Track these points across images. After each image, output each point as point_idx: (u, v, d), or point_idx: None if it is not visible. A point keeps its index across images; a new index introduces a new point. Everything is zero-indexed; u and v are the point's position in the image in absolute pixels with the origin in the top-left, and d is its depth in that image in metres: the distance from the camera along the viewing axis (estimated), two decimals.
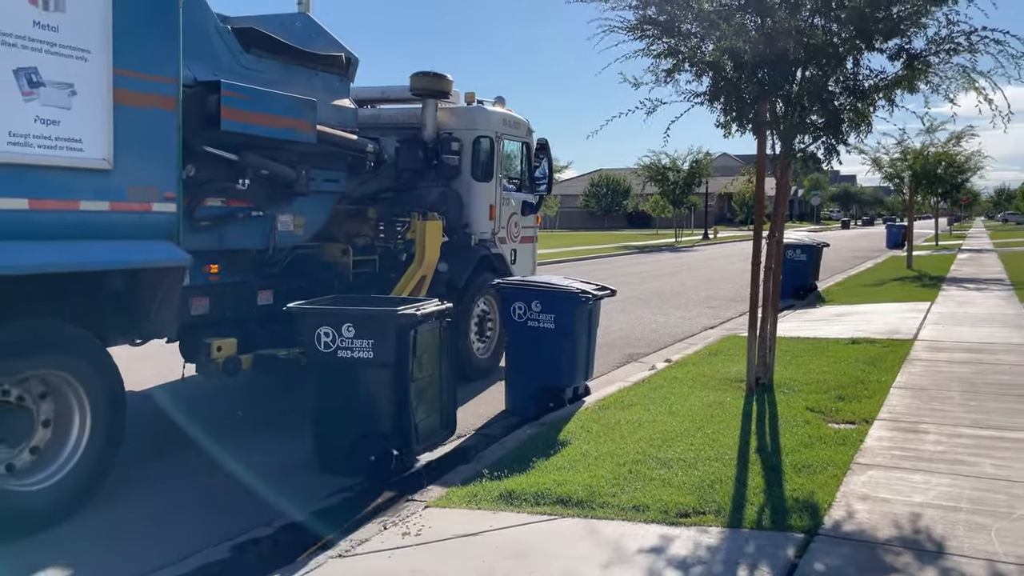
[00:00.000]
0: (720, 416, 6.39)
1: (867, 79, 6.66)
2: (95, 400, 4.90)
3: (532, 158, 10.18)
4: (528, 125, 10.07)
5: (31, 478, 4.67)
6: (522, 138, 9.91)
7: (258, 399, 7.93)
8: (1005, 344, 9.56)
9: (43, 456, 4.76)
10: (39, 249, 4.51)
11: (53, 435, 4.81)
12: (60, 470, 4.76)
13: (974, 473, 4.94)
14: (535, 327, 7.15)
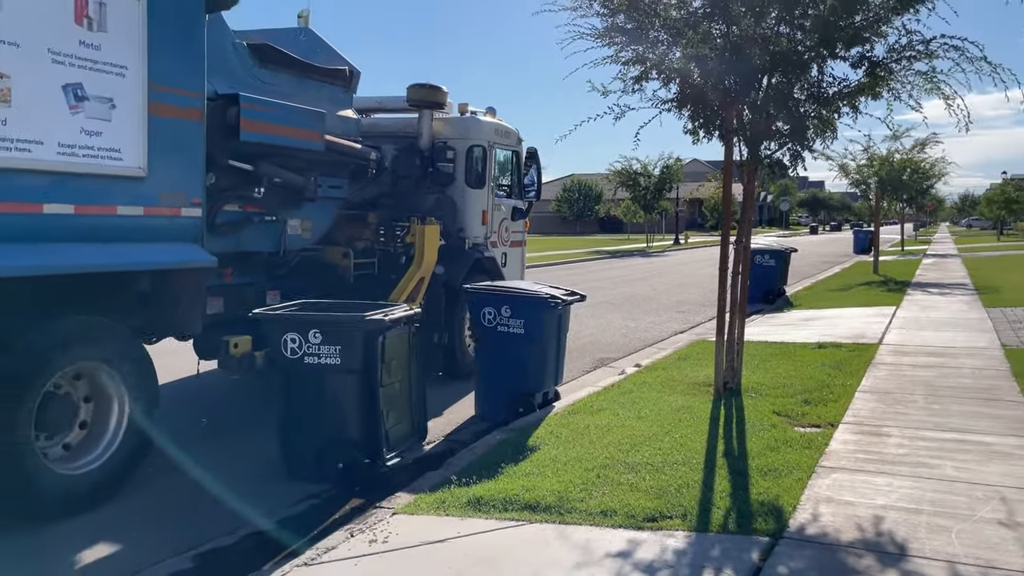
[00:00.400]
0: (688, 420, 6.43)
1: (831, 86, 6.75)
2: (132, 390, 5.30)
3: (521, 166, 10.56)
4: (518, 134, 10.46)
5: (77, 462, 5.07)
6: (512, 147, 10.29)
7: (230, 404, 7.84)
8: (967, 348, 9.72)
9: (86, 442, 5.16)
10: (83, 250, 4.94)
11: (94, 423, 5.21)
12: (102, 455, 5.18)
13: (936, 475, 5.01)
14: (505, 332, 7.15)
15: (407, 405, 5.88)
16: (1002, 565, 3.73)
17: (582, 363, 9.91)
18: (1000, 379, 7.86)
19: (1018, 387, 7.43)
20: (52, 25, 4.71)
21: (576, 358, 9.97)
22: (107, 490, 5.15)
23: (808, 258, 31.28)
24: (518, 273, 10.54)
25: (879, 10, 6.21)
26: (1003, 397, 7.08)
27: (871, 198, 24.66)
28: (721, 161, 7.76)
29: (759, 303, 15.38)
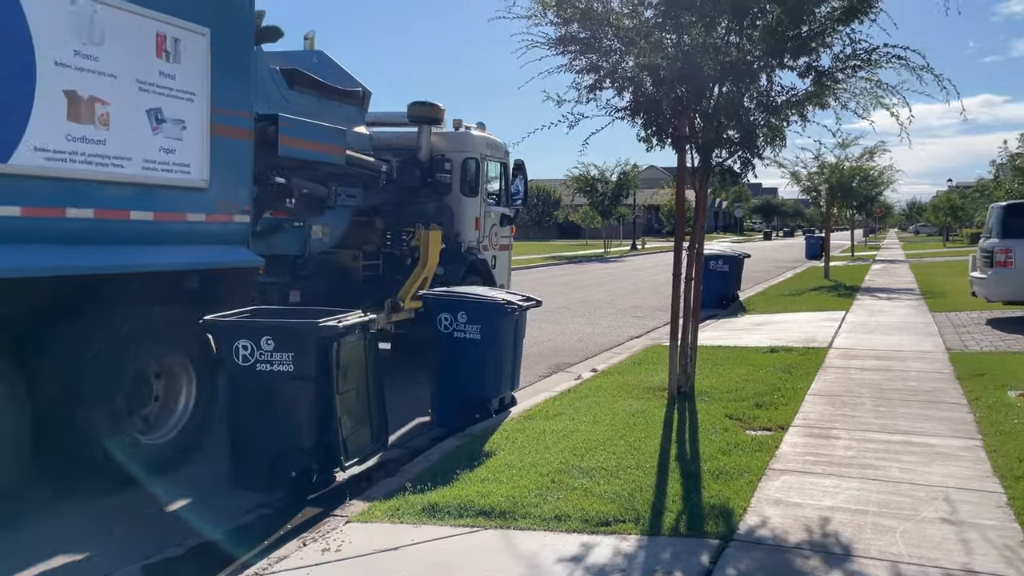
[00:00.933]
0: (642, 425, 6.48)
1: (779, 95, 6.86)
2: (199, 375, 6.08)
3: (509, 176, 11.44)
4: (505, 147, 11.29)
5: (154, 434, 5.82)
6: (501, 159, 11.18)
7: None
8: (914, 351, 9.95)
9: (159, 419, 5.93)
10: (162, 252, 5.84)
11: (165, 402, 5.98)
12: (173, 429, 5.95)
13: (881, 477, 5.11)
14: (461, 338, 7.14)
15: (366, 412, 5.83)
16: (944, 564, 3.82)
17: (539, 368, 9.93)
18: (944, 382, 8.06)
19: (961, 390, 7.63)
20: (139, 58, 5.54)
21: (533, 363, 9.99)
22: (180, 457, 5.89)
23: (761, 263, 31.78)
24: (506, 275, 11.40)
25: (824, 20, 6.34)
26: (946, 399, 7.26)
27: (822, 205, 25.13)
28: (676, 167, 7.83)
29: (713, 308, 15.58)
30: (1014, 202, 13.96)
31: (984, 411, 6.66)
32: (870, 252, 46.19)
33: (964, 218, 57.17)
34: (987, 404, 6.87)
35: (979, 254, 13.26)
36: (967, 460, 5.41)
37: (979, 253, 13.28)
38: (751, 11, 6.42)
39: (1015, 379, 7.85)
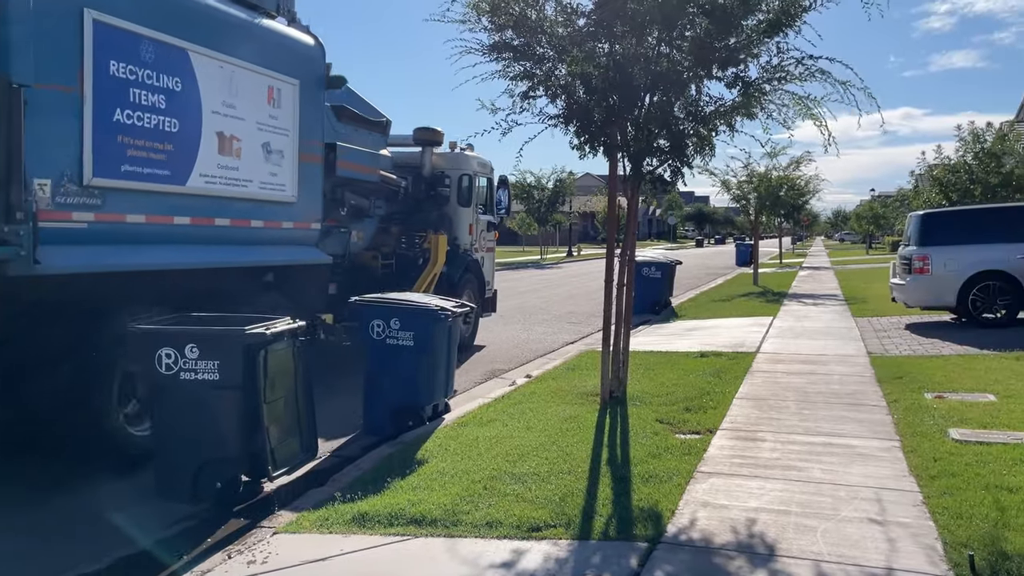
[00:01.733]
0: (575, 430, 6.52)
1: (708, 105, 7.00)
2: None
3: (494, 189, 13.45)
4: (491, 165, 13.27)
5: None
6: (488, 175, 13.20)
7: None
8: (836, 356, 10.26)
9: None
10: (272, 251, 7.81)
11: None
12: None
13: (804, 478, 5.25)
14: (394, 345, 7.07)
15: (295, 421, 5.72)
16: (861, 562, 3.93)
17: (474, 375, 9.92)
18: (865, 384, 8.33)
19: (881, 392, 7.89)
20: (258, 105, 7.41)
21: (468, 370, 9.98)
22: None
23: (693, 270, 32.40)
24: (491, 274, 13.56)
25: (751, 32, 6.50)
26: (867, 402, 7.50)
27: (751, 213, 25.75)
28: None
29: (646, 314, 15.81)
30: (931, 211, 14.54)
31: (902, 413, 6.90)
32: (797, 259, 47.51)
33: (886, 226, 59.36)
34: (905, 406, 7.12)
35: (899, 261, 13.76)
36: (885, 460, 5.60)
37: (899, 260, 13.77)
38: (680, 22, 6.55)
39: (931, 382, 8.16)
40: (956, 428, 6.25)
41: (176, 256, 6.63)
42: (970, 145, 19.57)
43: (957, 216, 13.90)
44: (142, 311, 5.90)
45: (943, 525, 4.32)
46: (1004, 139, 19.28)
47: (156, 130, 6.37)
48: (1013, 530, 4.17)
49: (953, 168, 19.66)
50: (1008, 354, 9.57)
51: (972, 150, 19.50)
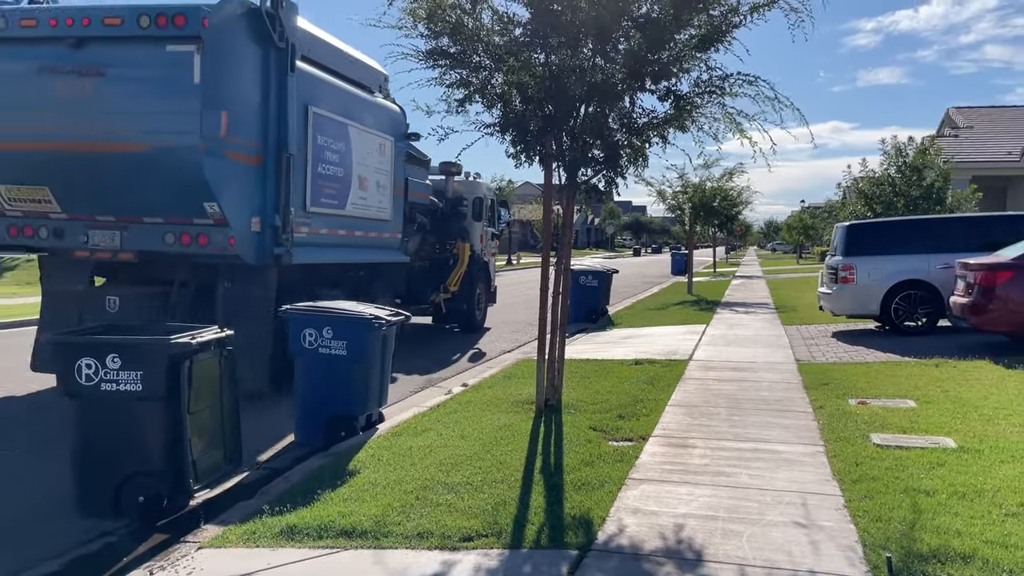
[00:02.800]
0: (509, 438, 6.52)
1: (641, 117, 7.10)
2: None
3: (496, 207, 17.35)
4: (494, 189, 17.44)
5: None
6: (492, 196, 17.14)
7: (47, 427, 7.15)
8: (766, 363, 10.49)
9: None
10: (376, 253, 11.61)
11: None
12: None
13: (732, 483, 5.34)
14: (327, 354, 6.97)
15: (219, 432, 5.59)
16: (784, 565, 4.02)
17: (410, 384, 9.84)
18: (793, 391, 8.53)
19: (807, 398, 8.09)
20: (375, 155, 11.01)
21: (404, 379, 9.89)
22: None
23: (630, 279, 32.79)
24: (494, 272, 17.23)
25: (683, 47, 6.62)
26: (794, 408, 7.68)
27: (686, 223, 26.21)
28: None
29: (583, 322, 15.93)
30: (856, 222, 15.02)
31: (827, 418, 7.08)
32: (731, 268, 48.50)
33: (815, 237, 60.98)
34: (829, 412, 7.31)
35: (826, 271, 14.16)
36: (810, 465, 5.74)
37: (826, 270, 14.18)
38: (614, 35, 6.63)
39: (855, 388, 8.40)
40: (877, 433, 6.44)
41: (339, 255, 10.68)
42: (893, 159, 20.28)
43: (881, 227, 14.40)
44: (327, 286, 10.24)
45: (863, 528, 4.44)
46: (925, 153, 20.03)
47: (332, 176, 10.02)
48: (929, 532, 4.31)
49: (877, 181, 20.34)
50: (928, 361, 9.91)
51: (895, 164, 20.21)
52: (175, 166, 7.85)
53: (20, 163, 8.37)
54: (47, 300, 9.36)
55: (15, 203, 8.68)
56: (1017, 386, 8.16)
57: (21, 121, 8.21)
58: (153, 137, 7.90)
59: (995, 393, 7.82)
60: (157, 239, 8.38)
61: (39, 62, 8.05)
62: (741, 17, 6.63)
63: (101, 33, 7.89)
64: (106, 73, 7.56)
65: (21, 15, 8.28)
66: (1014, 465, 5.46)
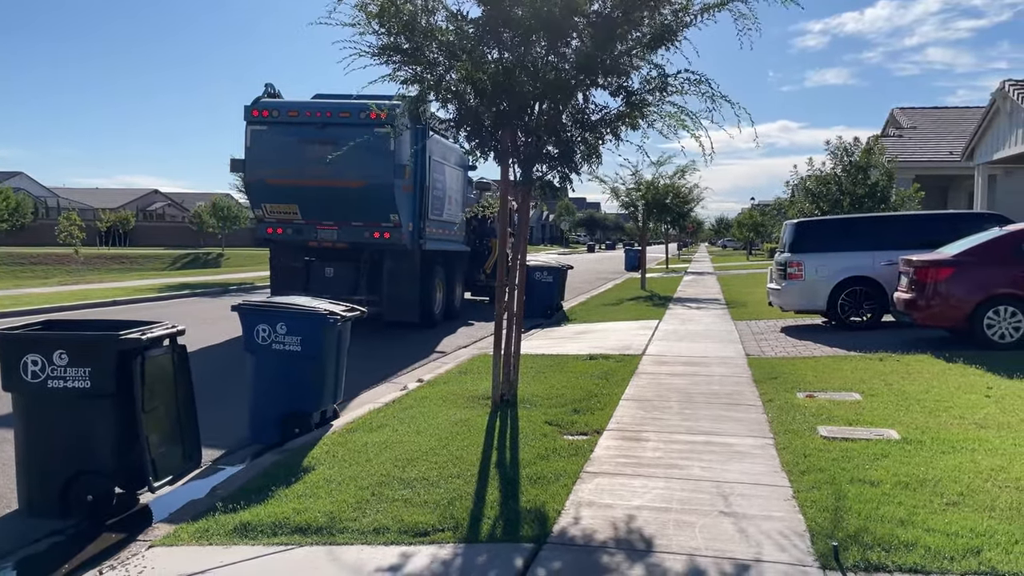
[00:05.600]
0: (465, 433, 6.52)
1: (594, 113, 7.15)
2: (447, 282, 17.00)
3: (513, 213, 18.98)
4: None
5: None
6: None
7: None
8: (717, 357, 10.65)
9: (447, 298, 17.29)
10: (454, 245, 17.39)
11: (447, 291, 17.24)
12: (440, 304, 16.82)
13: (684, 475, 5.42)
14: (280, 350, 6.90)
15: (176, 429, 5.50)
16: (736, 555, 4.09)
17: (365, 380, 9.77)
18: (743, 385, 8.68)
19: (757, 392, 8.24)
20: (454, 181, 17.27)
21: (359, 375, 9.81)
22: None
23: (584, 275, 33.00)
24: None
25: (633, 44, 6.68)
26: (744, 401, 7.81)
27: (639, 219, 26.42)
28: None
29: (538, 318, 16.00)
30: (804, 220, 15.29)
31: (776, 412, 7.22)
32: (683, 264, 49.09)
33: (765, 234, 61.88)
34: (778, 405, 7.46)
35: (775, 267, 14.42)
36: (760, 457, 5.84)
37: (775, 266, 14.43)
38: (565, 32, 6.66)
39: (803, 382, 8.58)
40: (824, 426, 6.58)
41: (440, 245, 16.00)
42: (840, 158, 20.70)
43: (828, 225, 14.69)
44: (436, 262, 15.77)
45: (811, 517, 4.54)
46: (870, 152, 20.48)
47: (437, 197, 15.69)
48: (874, 521, 4.43)
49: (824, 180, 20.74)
50: (872, 355, 10.17)
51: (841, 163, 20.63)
52: (377, 194, 13.90)
53: (283, 192, 14.32)
54: (275, 273, 15.65)
55: (272, 213, 14.58)
56: (957, 379, 8.41)
57: (286, 168, 14.06)
58: (366, 178, 13.77)
59: (936, 386, 8.05)
60: (359, 234, 14.37)
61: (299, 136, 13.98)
62: (692, 17, 6.71)
63: (337, 121, 13.72)
64: (338, 143, 10.91)
65: (288, 108, 14.33)
66: (955, 456, 5.63)
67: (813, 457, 5.69)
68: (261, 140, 14.37)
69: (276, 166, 14.27)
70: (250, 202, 15.96)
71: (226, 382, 9.24)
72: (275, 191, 14.48)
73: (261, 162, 14.39)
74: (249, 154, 14.50)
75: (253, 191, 15.20)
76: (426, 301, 15.34)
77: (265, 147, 14.33)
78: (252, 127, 14.39)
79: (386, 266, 14.97)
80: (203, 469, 6.14)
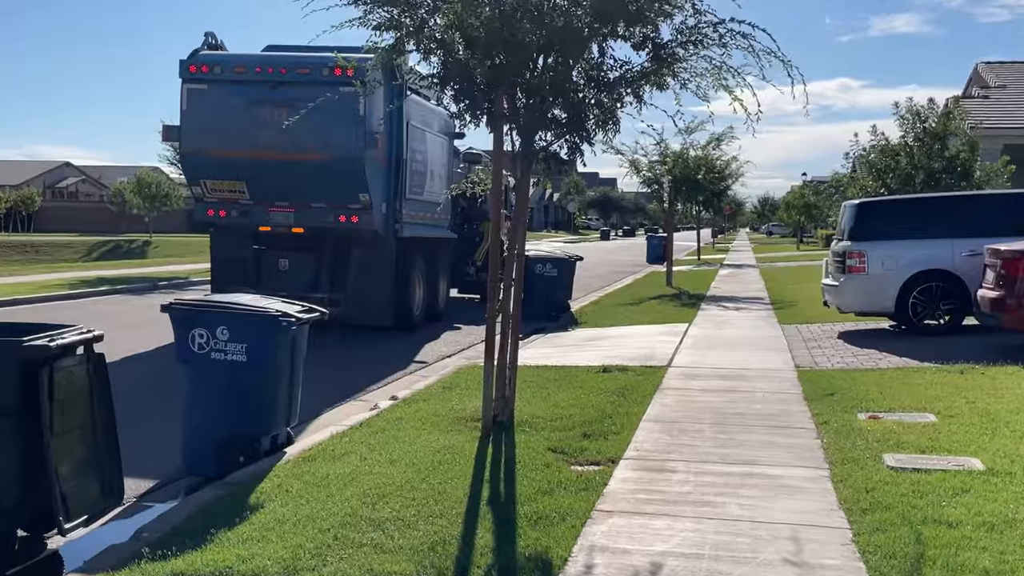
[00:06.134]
0: (449, 463, 6.55)
1: (612, 70, 7.16)
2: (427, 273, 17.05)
3: (509, 191, 18.55)
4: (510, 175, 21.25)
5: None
6: (506, 181, 19.22)
7: None
8: (760, 370, 10.70)
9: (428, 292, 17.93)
10: (437, 230, 17.68)
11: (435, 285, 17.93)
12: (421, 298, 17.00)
13: (719, 515, 5.45)
14: (221, 360, 6.89)
15: (94, 459, 5.45)
16: None
17: (325, 397, 9.78)
18: (792, 403, 8.72)
19: (809, 412, 8.28)
20: (438, 152, 17.48)
21: (317, 390, 9.80)
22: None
23: (597, 267, 33.08)
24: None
25: None
26: (793, 424, 7.85)
27: (665, 200, 26.39)
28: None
29: (541, 320, 16.05)
30: (867, 200, 15.35)
31: (832, 436, 7.26)
32: (719, 255, 49.23)
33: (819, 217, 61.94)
34: (835, 428, 7.49)
35: (831, 259, 14.46)
36: (812, 492, 5.88)
37: (831, 257, 14.47)
38: None
39: (866, 399, 8.62)
40: (891, 454, 6.61)
41: (422, 232, 16.39)
42: (911, 124, 20.71)
43: (896, 206, 14.74)
44: (415, 252, 15.90)
45: (874, 567, 4.57)
46: (949, 117, 20.49)
47: (417, 172, 15.87)
48: (951, 571, 4.45)
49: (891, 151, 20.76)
50: (951, 367, 10.21)
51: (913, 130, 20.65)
52: (343, 169, 13.89)
53: (227, 166, 14.30)
54: (218, 266, 15.76)
55: (214, 192, 14.56)
56: None
57: (231, 136, 14.10)
58: (330, 148, 13.80)
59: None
60: (321, 218, 14.32)
61: (246, 97, 13.99)
62: None
63: (293, 79, 13.81)
64: (295, 105, 11.24)
65: (234, 63, 14.23)
66: None
67: (877, 492, 5.72)
68: (200, 102, 14.25)
69: (219, 134, 14.19)
70: (186, 178, 15.82)
71: (155, 399, 9.25)
72: (218, 165, 14.40)
73: (200, 129, 14.28)
74: (185, 119, 14.38)
75: (190, 165, 15.12)
76: (403, 300, 15.35)
77: (205, 111, 14.22)
78: (189, 86, 14.25)
79: (354, 257, 15.02)
80: (126, 506, 6.15)
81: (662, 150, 24.50)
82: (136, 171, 57.31)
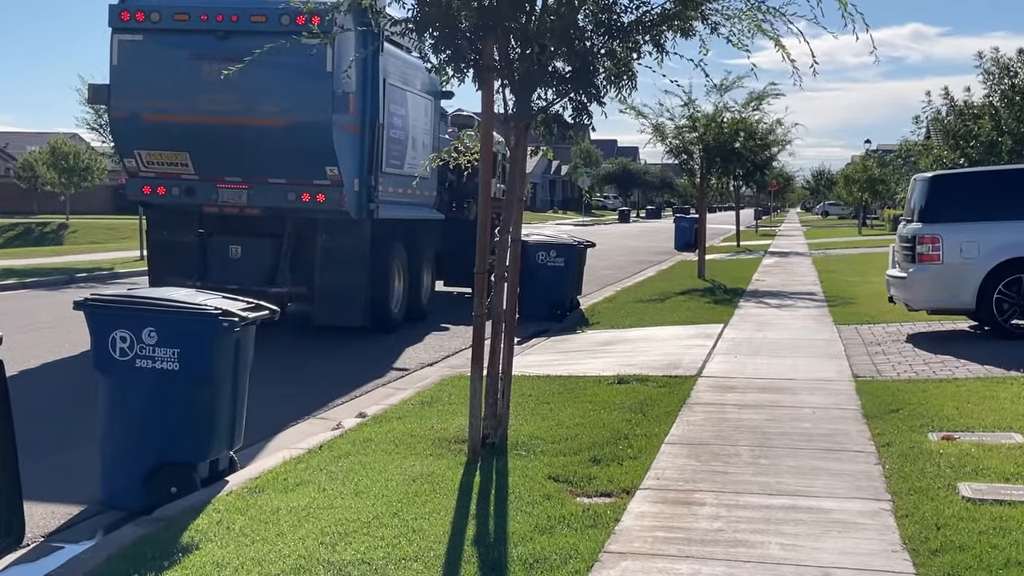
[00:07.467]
0: (428, 494, 6.55)
1: (627, 12, 7.15)
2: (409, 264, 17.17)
3: (505, 162, 19.09)
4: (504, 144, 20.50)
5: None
6: (503, 152, 18.64)
7: None
8: (810, 380, 10.70)
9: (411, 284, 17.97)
10: (422, 211, 18.09)
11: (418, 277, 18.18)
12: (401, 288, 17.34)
13: (756, 557, 5.44)
14: (148, 368, 6.89)
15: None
16: None
17: (275, 413, 9.79)
18: (848, 422, 8.72)
19: (869, 432, 8.27)
20: (421, 116, 17.62)
21: (265, 406, 9.81)
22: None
23: (614, 256, 33.13)
24: None
25: None
26: (849, 446, 7.85)
27: (696, 173, 26.26)
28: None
29: (543, 320, 16.07)
30: (942, 173, 15.34)
31: (896, 461, 7.26)
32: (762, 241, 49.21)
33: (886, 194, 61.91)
34: (900, 451, 7.49)
35: (898, 244, 14.39)
36: (870, 530, 5.87)
37: (898, 243, 14.41)
38: None
39: (939, 416, 8.61)
40: (969, 482, 6.61)
41: (400, 211, 16.25)
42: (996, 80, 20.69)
43: (978, 180, 14.70)
44: (394, 237, 15.94)
45: None
46: None
47: (396, 140, 15.89)
48: None
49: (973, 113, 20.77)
50: None
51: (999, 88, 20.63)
52: (307, 136, 13.74)
53: (167, 133, 14.16)
54: (155, 253, 15.76)
55: (151, 166, 14.42)
56: None
57: (171, 97, 13.99)
58: (290, 112, 13.84)
59: None
60: (281, 197, 14.17)
61: (190, 50, 13.86)
62: None
63: (246, 28, 13.51)
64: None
65: (174, 9, 13.78)
66: None
67: (951, 529, 5.72)
68: (134, 56, 14.11)
69: (157, 95, 14.08)
70: (117, 148, 15.79)
71: (70, 417, 9.25)
72: (155, 132, 14.27)
73: (134, 89, 14.19)
74: (116, 77, 14.25)
75: (122, 132, 14.99)
76: (378, 295, 15.26)
77: (140, 67, 14.07)
78: (120, 37, 14.10)
79: (320, 243, 14.90)
80: (30, 548, 6.17)
81: (691, 112, 24.33)
82: (50, 139, 57.28)
